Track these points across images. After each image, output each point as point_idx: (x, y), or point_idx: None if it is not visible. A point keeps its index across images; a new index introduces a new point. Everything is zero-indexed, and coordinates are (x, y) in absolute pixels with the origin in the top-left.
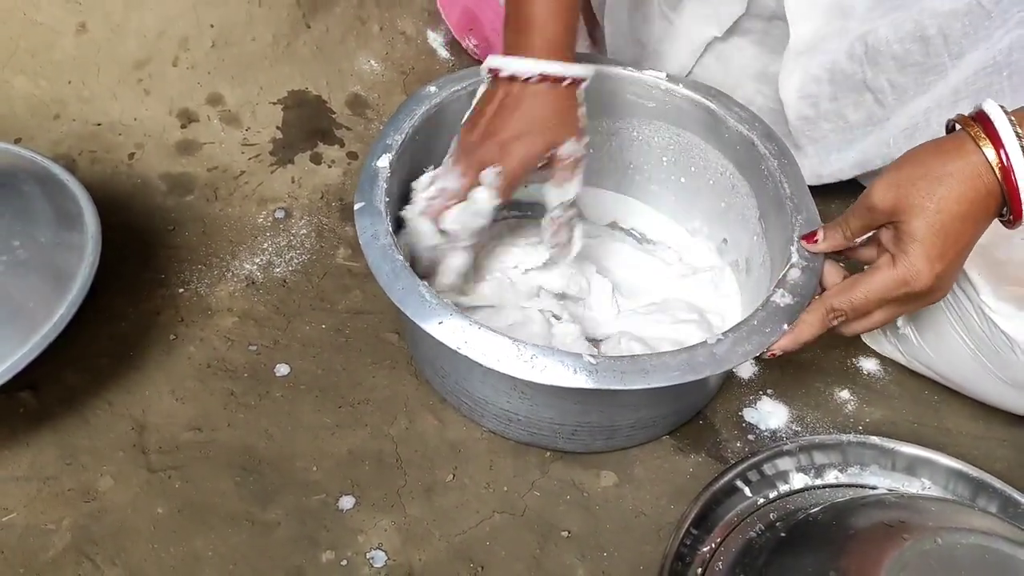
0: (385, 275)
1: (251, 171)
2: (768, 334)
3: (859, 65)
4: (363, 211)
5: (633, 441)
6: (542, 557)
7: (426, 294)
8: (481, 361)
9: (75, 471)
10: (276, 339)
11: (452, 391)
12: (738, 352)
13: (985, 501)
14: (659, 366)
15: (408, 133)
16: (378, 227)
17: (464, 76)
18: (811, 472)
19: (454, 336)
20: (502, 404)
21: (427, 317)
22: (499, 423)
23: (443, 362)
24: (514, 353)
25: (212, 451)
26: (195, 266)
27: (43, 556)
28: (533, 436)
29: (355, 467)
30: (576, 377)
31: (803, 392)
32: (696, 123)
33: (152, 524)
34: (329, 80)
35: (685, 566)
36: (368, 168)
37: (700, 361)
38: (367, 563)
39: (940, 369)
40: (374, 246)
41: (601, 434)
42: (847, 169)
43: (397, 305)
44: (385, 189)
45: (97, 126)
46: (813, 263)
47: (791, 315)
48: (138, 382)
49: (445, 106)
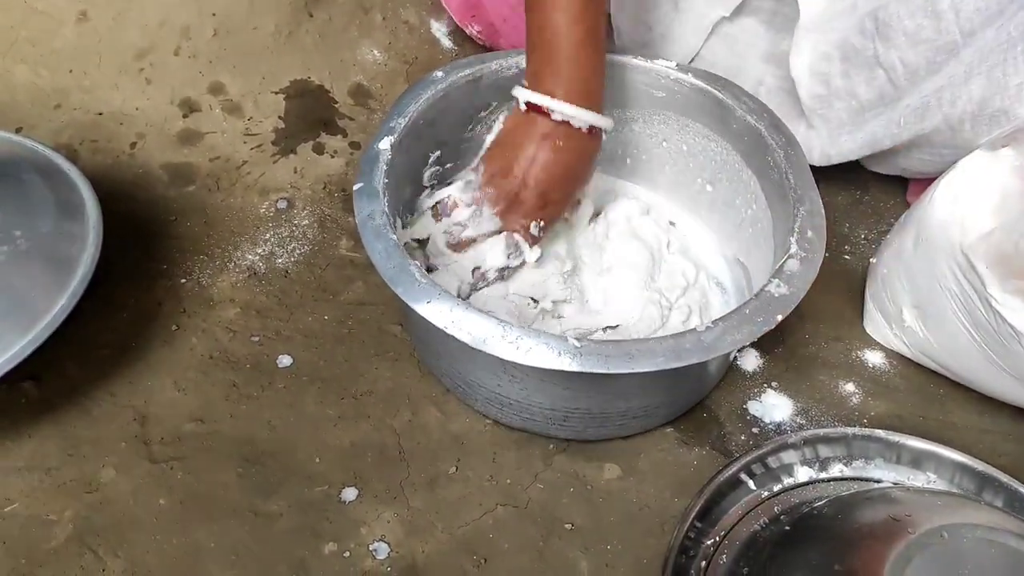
0: (378, 254)
1: (253, 161)
2: (760, 323)
3: (870, 41)
4: (361, 192)
5: (628, 430)
6: (545, 549)
7: (417, 274)
8: (467, 341)
9: (77, 462)
10: (278, 330)
11: (447, 373)
12: (727, 340)
13: (991, 495)
14: (644, 351)
15: (412, 117)
16: (375, 207)
17: (471, 63)
18: (815, 465)
19: (442, 316)
20: (492, 387)
21: (417, 297)
22: (492, 407)
23: (436, 343)
24: (499, 333)
25: (214, 442)
26: (197, 256)
27: (45, 547)
28: (526, 422)
29: (358, 459)
30: (560, 360)
31: (808, 385)
32: (704, 113)
33: (154, 515)
34: (332, 70)
35: (689, 559)
36: (370, 150)
37: (687, 348)
38: (370, 555)
39: (946, 362)
40: (369, 226)
41: (593, 421)
42: (856, 149)
43: (388, 284)
44: (385, 171)
45: (98, 115)
46: (812, 254)
47: (785, 305)
48: (140, 373)
49: (451, 92)
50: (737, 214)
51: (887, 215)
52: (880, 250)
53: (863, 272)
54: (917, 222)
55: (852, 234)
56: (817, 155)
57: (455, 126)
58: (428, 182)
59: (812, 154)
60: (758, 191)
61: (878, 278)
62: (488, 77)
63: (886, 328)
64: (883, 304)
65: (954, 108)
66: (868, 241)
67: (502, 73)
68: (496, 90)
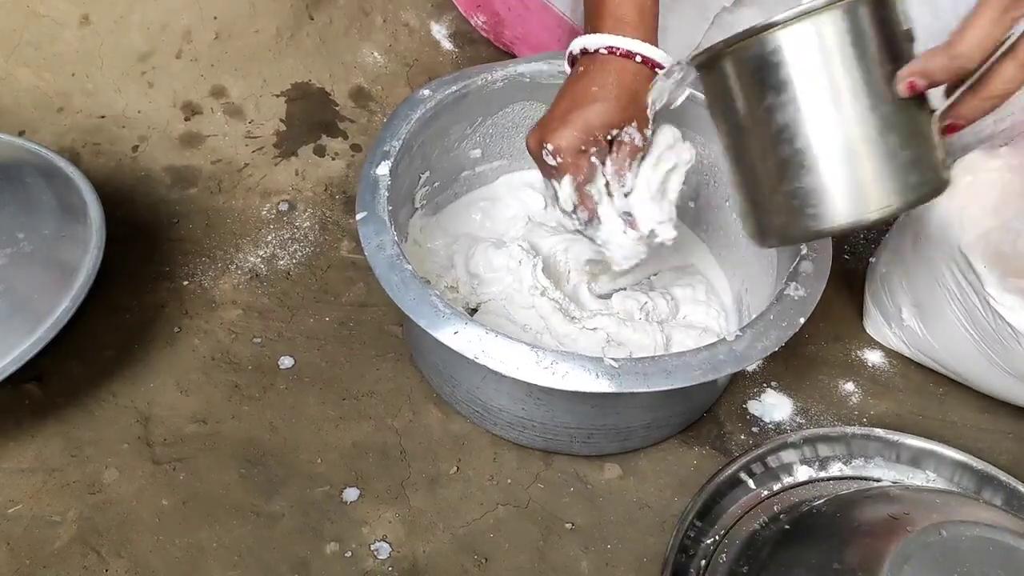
0: (395, 286)
1: (255, 164)
2: (785, 328)
3: None
4: (366, 221)
5: (648, 441)
6: (546, 549)
7: (439, 304)
8: (500, 370)
9: (80, 463)
10: (280, 332)
11: (463, 400)
12: (758, 348)
13: (990, 494)
14: (680, 366)
15: (405, 139)
16: (383, 237)
17: (456, 79)
18: (815, 464)
19: (471, 346)
20: (515, 412)
21: (442, 327)
22: (513, 431)
23: (453, 371)
24: (533, 359)
25: (216, 443)
26: (199, 259)
27: (49, 547)
28: (548, 443)
29: (359, 459)
30: (598, 382)
31: (807, 384)
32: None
33: (157, 516)
34: (332, 72)
35: (689, 558)
36: (367, 176)
37: (721, 359)
38: (371, 554)
39: (945, 361)
40: (380, 257)
41: (617, 436)
42: None
43: (409, 316)
44: (387, 197)
45: (101, 119)
46: (821, 253)
47: (804, 307)
48: (143, 374)
49: (440, 111)
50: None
51: None
52: (879, 250)
53: (862, 272)
54: (916, 222)
55: (852, 234)
56: None
57: (444, 144)
58: (420, 203)
59: None
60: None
61: (877, 278)
62: (474, 93)
63: (885, 327)
64: (882, 303)
65: None
66: (867, 241)
67: (488, 88)
68: (483, 105)
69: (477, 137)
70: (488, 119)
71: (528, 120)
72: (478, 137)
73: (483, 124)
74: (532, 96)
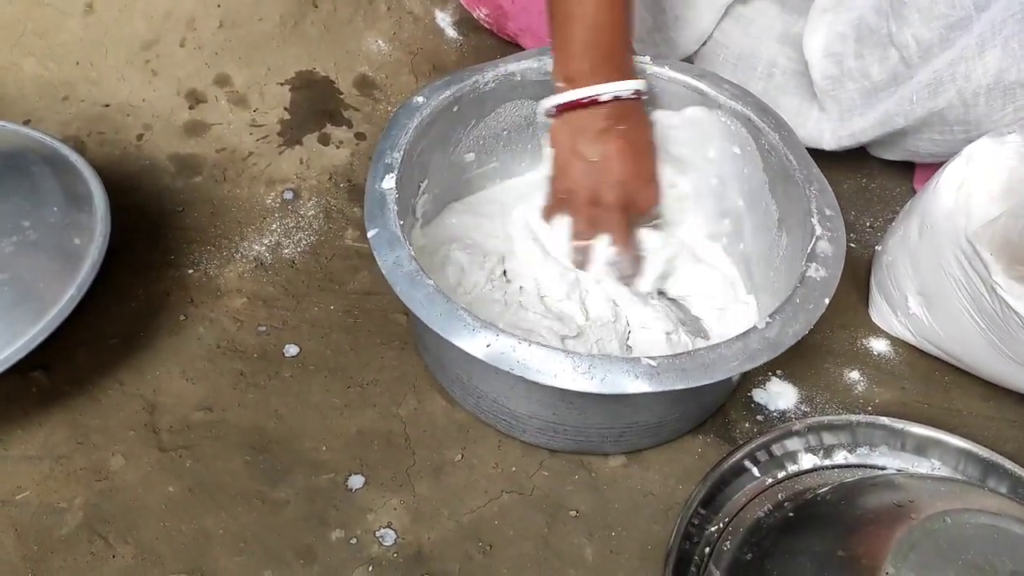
0: (419, 303)
1: (259, 152)
2: (811, 311)
3: (884, 19)
4: (379, 237)
5: (675, 434)
6: (550, 536)
7: (468, 318)
8: (538, 380)
9: (87, 450)
10: (285, 320)
11: (489, 410)
12: (789, 333)
13: (995, 482)
14: (717, 359)
15: (405, 150)
16: (399, 253)
17: (448, 83)
18: (820, 452)
19: (505, 359)
20: (547, 417)
21: (475, 343)
22: (543, 436)
23: (479, 382)
24: (570, 366)
25: (222, 431)
26: (204, 247)
27: (56, 534)
28: (580, 444)
29: (364, 447)
30: (637, 383)
31: (812, 373)
32: (688, 105)
33: (163, 503)
34: (337, 61)
35: (693, 546)
36: (373, 191)
37: (756, 348)
38: (376, 541)
39: (951, 349)
40: (399, 274)
41: (647, 432)
42: (868, 128)
43: (438, 332)
44: (397, 212)
45: (105, 107)
46: (836, 232)
47: (827, 288)
48: (149, 362)
49: (436, 118)
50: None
51: (893, 203)
52: (885, 238)
53: (868, 260)
54: (922, 210)
55: (858, 222)
56: (828, 138)
57: (440, 152)
58: (420, 212)
59: (823, 138)
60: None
61: (883, 266)
62: (467, 96)
63: (891, 316)
64: (888, 292)
65: (968, 83)
66: (874, 229)
67: (480, 89)
68: (476, 107)
69: (470, 140)
70: (480, 121)
71: (519, 119)
72: (471, 140)
73: (476, 127)
74: (523, 95)
